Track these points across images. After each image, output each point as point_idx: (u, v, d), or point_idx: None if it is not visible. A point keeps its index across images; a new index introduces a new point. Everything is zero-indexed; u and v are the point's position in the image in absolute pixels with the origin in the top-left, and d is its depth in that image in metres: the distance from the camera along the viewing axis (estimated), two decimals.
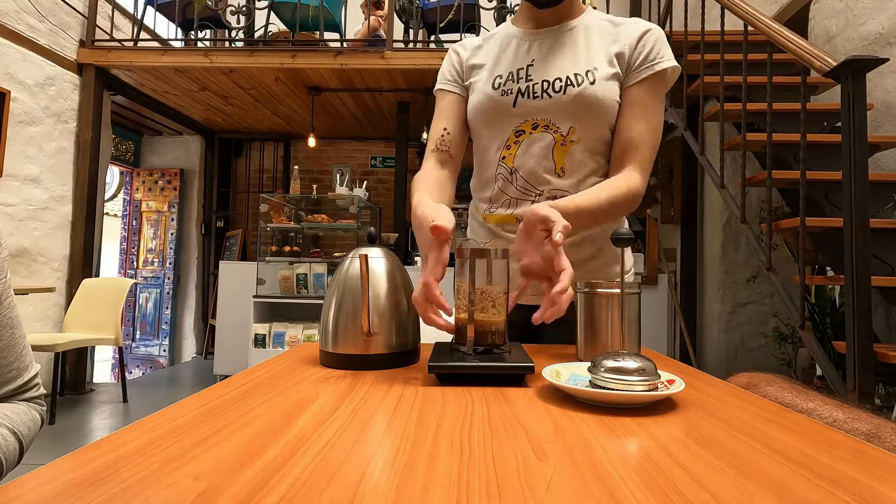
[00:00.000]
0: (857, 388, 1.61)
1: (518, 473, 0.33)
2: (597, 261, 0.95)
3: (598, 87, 0.87)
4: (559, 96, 0.89)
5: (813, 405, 0.56)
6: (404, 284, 0.72)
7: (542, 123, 0.90)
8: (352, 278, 0.70)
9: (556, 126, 0.90)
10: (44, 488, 0.31)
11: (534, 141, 0.91)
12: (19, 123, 3.44)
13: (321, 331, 0.71)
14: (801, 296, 1.96)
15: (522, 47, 0.95)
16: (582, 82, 0.88)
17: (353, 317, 0.68)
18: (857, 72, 1.68)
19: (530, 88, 0.91)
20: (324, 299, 0.73)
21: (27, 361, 0.67)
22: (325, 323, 0.70)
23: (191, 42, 4.27)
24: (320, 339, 0.72)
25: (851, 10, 2.63)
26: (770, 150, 2.15)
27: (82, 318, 3.44)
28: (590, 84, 0.87)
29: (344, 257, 0.75)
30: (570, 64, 0.90)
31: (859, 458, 0.37)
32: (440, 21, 3.91)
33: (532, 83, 0.91)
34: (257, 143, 5.90)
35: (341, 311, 0.69)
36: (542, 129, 0.90)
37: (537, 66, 0.92)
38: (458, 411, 0.48)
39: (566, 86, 0.88)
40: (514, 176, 0.93)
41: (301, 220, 4.30)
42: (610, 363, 0.51)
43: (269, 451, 0.37)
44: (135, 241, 5.55)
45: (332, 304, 0.71)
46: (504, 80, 0.93)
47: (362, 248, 0.73)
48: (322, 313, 0.72)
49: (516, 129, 0.92)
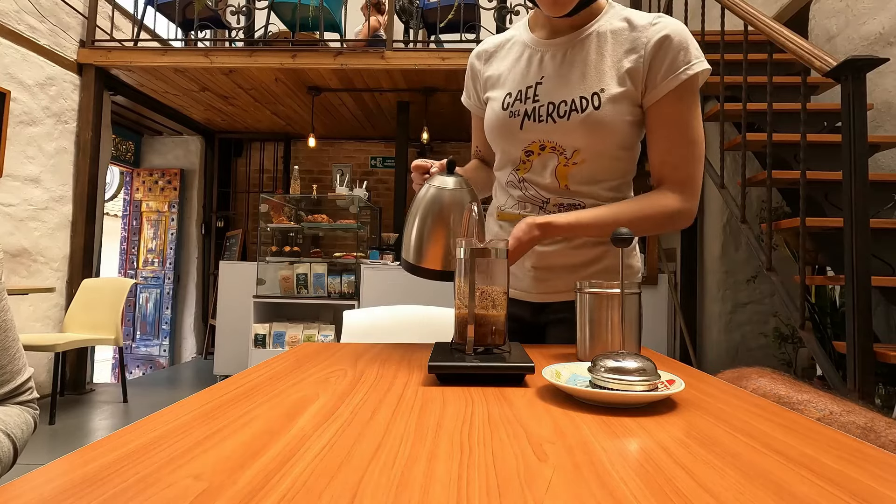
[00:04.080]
0: (857, 388, 1.61)
1: (518, 473, 0.33)
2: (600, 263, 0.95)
3: (604, 111, 0.85)
4: (563, 121, 0.88)
5: (807, 397, 0.56)
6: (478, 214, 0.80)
7: (549, 146, 0.91)
8: (445, 207, 0.79)
9: (561, 148, 0.90)
10: (44, 488, 0.31)
11: (543, 161, 0.92)
12: (19, 123, 3.44)
13: (404, 244, 0.82)
14: (801, 296, 1.96)
15: (534, 59, 0.93)
16: (586, 107, 0.86)
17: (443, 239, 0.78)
18: (857, 72, 1.68)
19: (536, 111, 0.90)
20: (410, 211, 0.83)
21: (20, 365, 0.67)
22: (408, 238, 0.81)
23: (191, 42, 4.27)
24: (403, 252, 0.83)
25: (851, 10, 2.63)
26: (770, 150, 2.15)
27: (82, 318, 3.44)
28: (594, 109, 0.85)
29: (430, 177, 0.83)
30: (577, 84, 0.88)
31: (859, 458, 0.37)
32: (440, 21, 3.91)
33: (538, 105, 0.90)
34: (257, 143, 5.90)
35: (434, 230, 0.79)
36: (550, 151, 0.91)
37: (545, 85, 0.90)
38: (458, 411, 0.48)
39: (570, 111, 0.87)
40: (523, 184, 0.95)
41: (301, 220, 4.31)
42: (610, 363, 0.51)
43: (269, 451, 0.37)
44: (135, 241, 5.55)
45: (417, 221, 0.80)
46: (513, 100, 0.93)
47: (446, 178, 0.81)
48: (406, 225, 0.82)
49: (525, 150, 0.93)
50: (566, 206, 0.92)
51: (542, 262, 0.95)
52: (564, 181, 0.91)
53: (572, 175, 0.91)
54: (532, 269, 0.96)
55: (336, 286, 3.83)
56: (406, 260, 0.83)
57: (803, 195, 1.93)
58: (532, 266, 0.96)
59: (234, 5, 4.09)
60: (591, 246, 0.94)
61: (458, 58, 3.70)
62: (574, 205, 0.92)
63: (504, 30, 3.89)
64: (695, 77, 0.83)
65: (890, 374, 1.94)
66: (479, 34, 3.98)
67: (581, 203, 0.92)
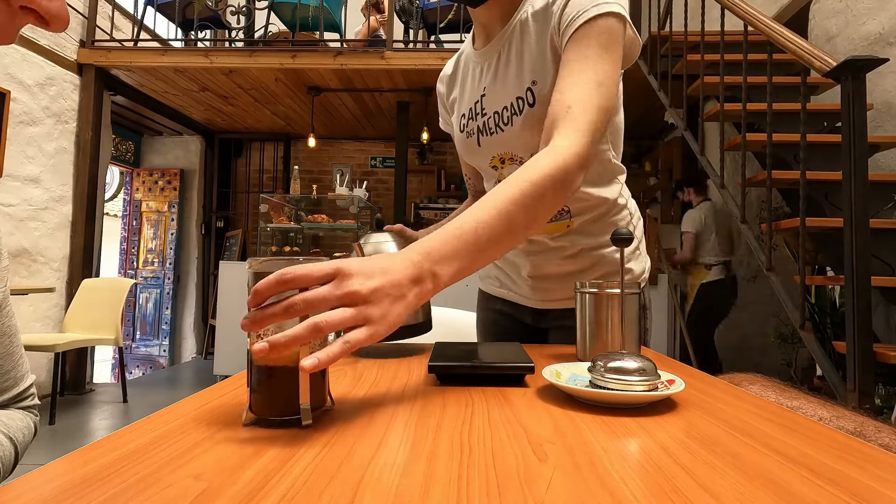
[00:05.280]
0: (856, 388, 1.61)
1: (518, 473, 0.33)
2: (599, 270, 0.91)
3: (540, 107, 0.78)
4: (508, 128, 0.84)
5: (797, 403, 0.56)
6: None
7: (506, 157, 0.88)
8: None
9: (518, 157, 0.86)
10: (44, 488, 0.31)
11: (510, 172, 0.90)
12: (19, 124, 3.44)
13: None
14: (801, 296, 1.96)
15: (476, 73, 0.89)
16: (523, 107, 0.81)
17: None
18: (857, 72, 1.68)
19: (486, 125, 0.87)
20: None
21: (24, 371, 0.67)
22: None
23: (191, 42, 4.27)
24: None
25: (851, 10, 2.63)
26: (770, 150, 2.15)
27: (82, 318, 3.44)
28: (529, 107, 0.80)
29: (362, 240, 0.78)
30: (512, 86, 0.82)
31: (859, 458, 0.37)
32: (440, 21, 3.91)
33: (486, 118, 0.87)
34: (257, 143, 5.90)
35: None
36: (510, 161, 0.88)
37: (488, 95, 0.86)
38: (458, 411, 0.48)
39: (511, 115, 0.83)
40: None
41: (301, 221, 4.31)
42: (610, 363, 0.51)
43: (269, 451, 0.37)
44: (135, 242, 5.55)
45: None
46: (466, 120, 0.91)
47: (371, 234, 0.76)
48: None
49: (491, 164, 0.91)
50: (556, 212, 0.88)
51: (538, 272, 0.93)
52: None
53: None
54: (529, 279, 0.95)
55: None
56: None
57: (803, 195, 1.93)
58: (528, 275, 0.94)
59: (234, 5, 4.09)
60: (587, 251, 0.90)
61: None
62: (561, 211, 0.88)
63: None
64: (594, 21, 0.70)
65: (890, 374, 1.94)
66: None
67: (564, 208, 0.88)
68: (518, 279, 0.97)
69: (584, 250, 0.90)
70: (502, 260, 0.99)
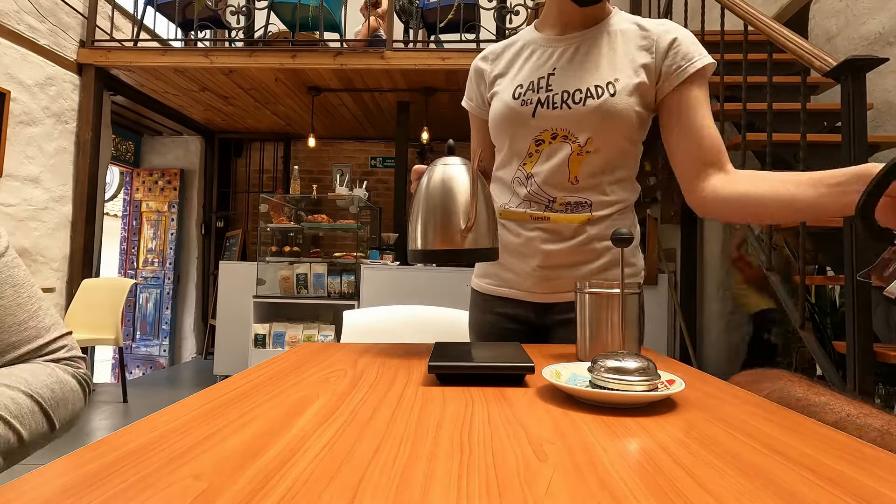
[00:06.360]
0: (857, 388, 1.61)
1: (518, 473, 0.33)
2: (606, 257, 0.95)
3: (619, 99, 0.88)
4: (578, 107, 0.89)
5: (824, 399, 0.56)
6: (483, 190, 0.77)
7: (561, 133, 0.91)
8: (447, 181, 0.75)
9: (574, 136, 0.90)
10: (44, 488, 0.31)
11: (553, 151, 0.92)
12: (19, 124, 3.44)
13: (410, 233, 0.78)
14: (801, 296, 1.96)
15: (544, 55, 0.95)
16: (602, 94, 0.88)
17: (450, 216, 0.73)
18: (857, 72, 1.68)
19: (550, 99, 0.91)
20: (412, 206, 0.79)
21: (47, 322, 0.64)
22: (415, 225, 0.77)
23: (191, 42, 4.27)
24: (409, 241, 0.78)
25: (851, 10, 2.63)
26: (770, 150, 2.15)
27: (82, 318, 3.44)
28: (610, 96, 0.88)
29: (431, 164, 0.79)
30: (591, 74, 0.90)
31: (859, 458, 0.37)
32: (440, 21, 3.91)
33: (552, 94, 0.91)
34: (257, 143, 5.90)
35: (439, 209, 0.74)
36: (562, 140, 0.91)
37: (558, 76, 0.92)
38: (458, 411, 0.48)
39: (586, 98, 0.89)
40: (529, 181, 0.95)
41: (301, 221, 4.30)
42: (610, 363, 0.51)
43: (269, 451, 0.37)
44: (135, 242, 5.55)
45: (421, 206, 0.76)
46: (524, 90, 0.94)
47: (445, 158, 0.78)
48: (410, 218, 0.78)
49: (536, 139, 0.93)
50: (573, 204, 0.92)
51: (549, 262, 0.94)
52: (575, 172, 0.91)
53: (584, 164, 0.91)
54: (538, 269, 0.95)
55: (336, 286, 3.83)
56: (417, 249, 0.78)
57: None
58: (538, 265, 0.95)
59: (234, 5, 4.09)
60: (598, 241, 0.94)
61: (458, 58, 3.70)
62: (580, 202, 0.92)
63: (504, 29, 3.91)
64: (703, 70, 0.87)
65: (890, 374, 1.94)
66: (478, 34, 3.98)
67: (587, 200, 0.92)
68: (523, 272, 0.97)
69: (596, 238, 0.94)
70: (506, 253, 0.99)
